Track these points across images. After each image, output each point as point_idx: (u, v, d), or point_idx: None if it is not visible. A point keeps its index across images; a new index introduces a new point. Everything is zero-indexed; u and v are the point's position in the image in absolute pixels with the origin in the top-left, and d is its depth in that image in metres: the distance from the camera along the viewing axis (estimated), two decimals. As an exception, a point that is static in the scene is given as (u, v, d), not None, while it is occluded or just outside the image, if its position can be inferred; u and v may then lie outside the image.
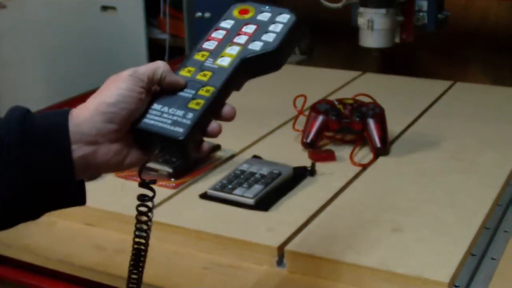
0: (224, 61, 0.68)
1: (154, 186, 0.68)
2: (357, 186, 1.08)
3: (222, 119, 0.67)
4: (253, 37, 0.69)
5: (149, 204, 0.68)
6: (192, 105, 0.66)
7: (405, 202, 1.01)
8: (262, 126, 1.31)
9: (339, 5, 1.59)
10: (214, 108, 0.67)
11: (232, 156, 1.18)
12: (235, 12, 0.72)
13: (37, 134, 0.61)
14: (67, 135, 0.62)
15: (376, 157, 1.16)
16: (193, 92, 0.67)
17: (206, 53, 0.70)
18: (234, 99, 0.69)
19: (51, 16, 2.13)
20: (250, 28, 0.70)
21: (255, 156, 1.15)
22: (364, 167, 1.13)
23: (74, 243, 0.97)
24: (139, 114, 0.65)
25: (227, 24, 0.72)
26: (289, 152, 1.19)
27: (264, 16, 0.71)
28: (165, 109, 0.66)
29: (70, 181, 0.63)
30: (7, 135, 0.60)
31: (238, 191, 1.00)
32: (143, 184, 0.68)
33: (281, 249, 0.89)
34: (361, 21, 1.50)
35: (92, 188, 1.06)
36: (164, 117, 0.65)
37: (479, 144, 1.22)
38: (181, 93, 0.67)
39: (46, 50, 2.14)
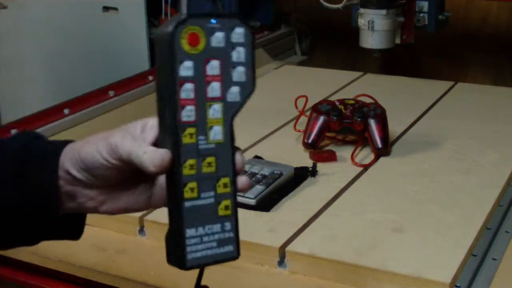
0: (217, 134, 0.60)
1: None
2: (358, 186, 1.07)
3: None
4: (225, 81, 0.60)
5: None
6: (222, 212, 0.60)
7: (406, 203, 1.01)
8: (264, 127, 1.31)
9: (339, 6, 1.59)
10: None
11: (233, 157, 1.18)
12: (185, 45, 0.59)
13: (33, 162, 0.61)
14: (56, 166, 0.60)
15: (377, 157, 1.16)
16: (212, 193, 0.60)
17: (193, 130, 0.60)
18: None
19: (52, 16, 2.12)
20: (214, 68, 0.60)
21: (256, 157, 1.15)
22: (365, 167, 1.13)
23: (74, 243, 0.96)
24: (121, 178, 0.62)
25: (187, 70, 0.59)
26: (290, 152, 1.19)
27: (219, 41, 0.60)
28: (200, 230, 0.60)
29: (56, 212, 0.63)
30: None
31: (239, 191, 1.00)
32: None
33: (282, 249, 0.89)
34: (362, 22, 1.50)
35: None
36: (206, 241, 0.60)
37: (480, 144, 1.22)
38: (201, 202, 0.60)
39: (47, 50, 2.14)
